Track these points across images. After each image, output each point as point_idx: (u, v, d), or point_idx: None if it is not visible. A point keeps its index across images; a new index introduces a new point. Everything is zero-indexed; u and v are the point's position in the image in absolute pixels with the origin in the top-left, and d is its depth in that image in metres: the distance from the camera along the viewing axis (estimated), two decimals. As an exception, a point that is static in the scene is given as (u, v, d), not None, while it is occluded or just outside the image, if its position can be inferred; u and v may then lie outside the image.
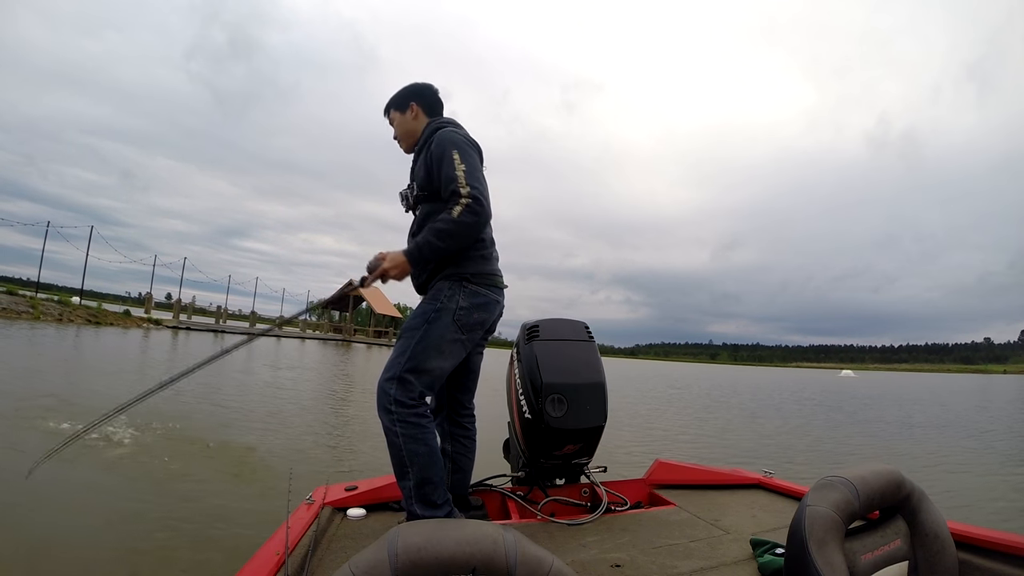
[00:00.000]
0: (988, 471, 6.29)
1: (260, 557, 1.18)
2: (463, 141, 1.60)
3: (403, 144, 1.79)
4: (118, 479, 3.59)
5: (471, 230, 1.50)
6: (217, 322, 36.15)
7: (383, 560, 0.62)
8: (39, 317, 21.85)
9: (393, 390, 1.47)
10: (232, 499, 3.46)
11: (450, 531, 0.66)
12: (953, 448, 7.94)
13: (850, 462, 6.21)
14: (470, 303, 1.59)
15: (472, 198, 1.47)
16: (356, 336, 43.60)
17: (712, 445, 7.43)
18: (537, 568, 0.65)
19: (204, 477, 3.86)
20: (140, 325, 27.33)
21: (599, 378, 1.84)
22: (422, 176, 1.62)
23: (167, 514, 3.07)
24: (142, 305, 36.36)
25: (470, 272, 1.61)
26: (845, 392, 23.68)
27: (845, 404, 15.83)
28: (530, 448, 1.85)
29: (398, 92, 1.78)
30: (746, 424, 10.08)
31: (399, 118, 1.77)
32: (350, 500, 1.70)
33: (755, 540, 1.45)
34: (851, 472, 0.98)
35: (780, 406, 14.55)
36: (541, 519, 1.69)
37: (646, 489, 2.04)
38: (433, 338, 1.53)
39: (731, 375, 45.57)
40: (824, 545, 0.88)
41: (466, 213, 1.47)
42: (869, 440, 8.69)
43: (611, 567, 1.32)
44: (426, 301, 1.60)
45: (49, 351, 11.99)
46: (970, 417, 13.13)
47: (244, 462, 4.37)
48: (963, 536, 1.20)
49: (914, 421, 11.66)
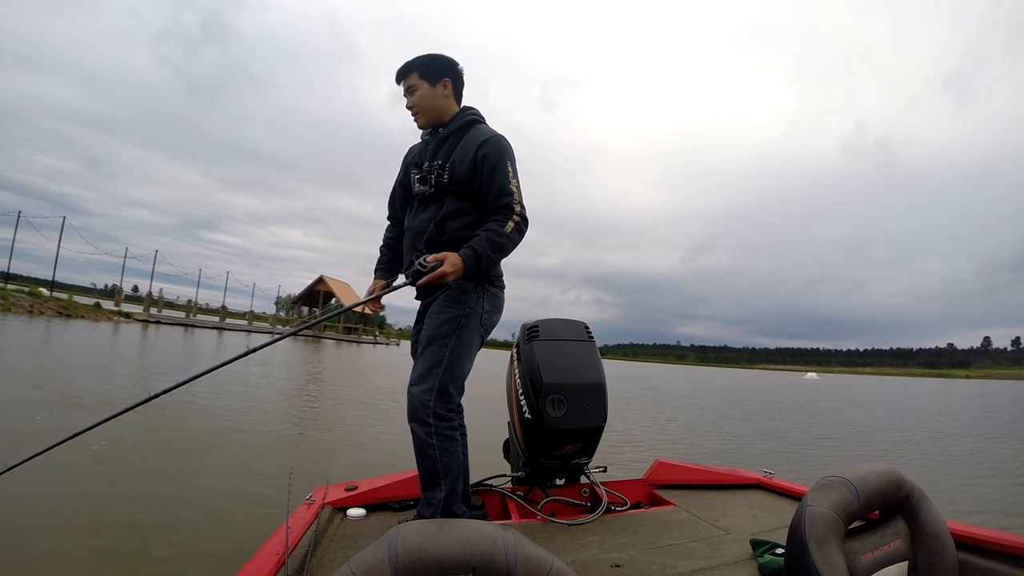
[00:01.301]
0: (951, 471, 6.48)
1: (260, 557, 1.18)
2: (514, 154, 1.59)
3: (423, 118, 1.64)
4: (117, 479, 3.59)
5: (514, 247, 1.55)
6: (188, 316, 35.60)
7: (383, 560, 0.62)
8: (10, 309, 21.52)
9: (432, 402, 1.45)
10: (232, 499, 3.46)
11: (450, 531, 0.66)
12: (916, 450, 8.10)
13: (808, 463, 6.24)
14: (491, 306, 1.61)
15: (523, 218, 1.53)
16: (326, 332, 42.40)
17: (681, 444, 7.52)
18: (537, 568, 0.65)
19: (203, 477, 3.86)
20: (111, 318, 26.90)
21: (599, 378, 1.84)
22: (463, 172, 1.54)
23: (167, 514, 3.07)
24: (109, 297, 35.91)
25: (494, 275, 1.62)
26: (809, 394, 23.87)
27: (807, 407, 15.97)
28: (530, 448, 1.85)
29: (428, 58, 1.62)
30: (710, 425, 10.22)
31: (426, 89, 1.60)
32: (350, 500, 1.70)
33: (755, 540, 1.45)
34: (851, 472, 0.98)
35: (742, 407, 14.72)
36: (541, 519, 1.69)
37: (646, 489, 2.04)
38: (465, 345, 1.53)
39: (695, 376, 46.29)
40: (824, 545, 0.88)
41: (515, 232, 1.51)
42: (829, 441, 8.82)
43: (611, 567, 1.32)
44: (450, 305, 1.55)
45: (51, 344, 11.98)
46: (935, 419, 13.45)
47: (244, 462, 4.37)
48: (963, 536, 1.20)
49: (880, 424, 11.86)
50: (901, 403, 20.06)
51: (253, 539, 1.34)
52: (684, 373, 54.90)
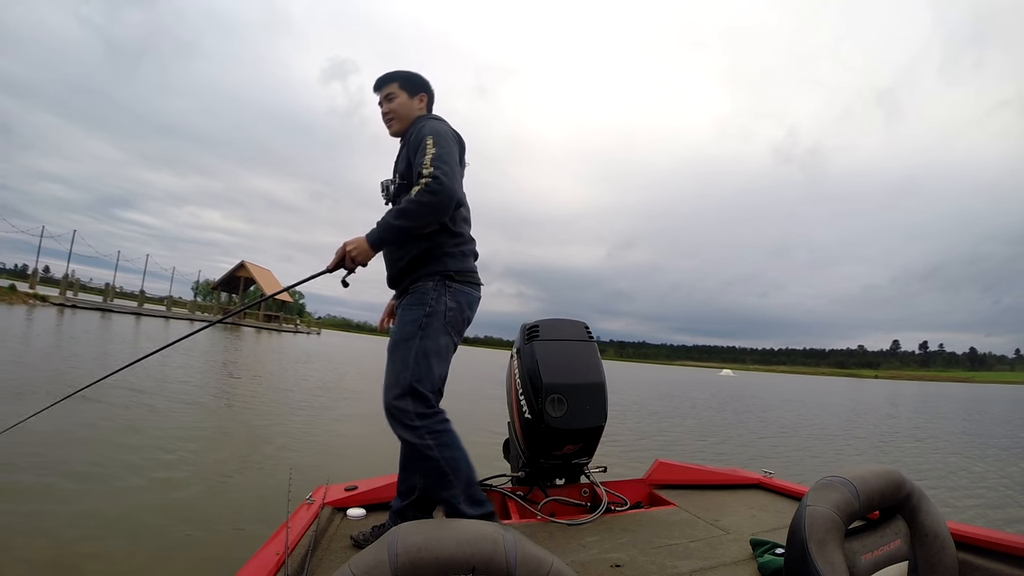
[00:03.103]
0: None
1: (260, 557, 1.18)
2: (443, 130, 1.57)
3: (395, 126, 1.72)
4: (116, 479, 3.59)
5: (429, 209, 1.45)
6: (105, 300, 33.92)
7: (383, 560, 0.62)
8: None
9: (410, 405, 1.43)
10: (232, 499, 3.46)
11: (450, 531, 0.66)
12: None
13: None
14: (457, 302, 1.55)
15: (432, 177, 1.43)
16: (246, 320, 41.22)
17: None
18: (537, 568, 0.65)
19: (203, 477, 3.86)
20: (26, 302, 25.82)
21: (599, 378, 1.84)
22: (403, 167, 1.59)
23: (166, 514, 3.06)
24: (20, 278, 34.47)
25: (453, 270, 1.56)
26: (730, 391, 24.45)
27: (729, 404, 16.30)
28: (530, 448, 1.85)
29: (410, 73, 1.73)
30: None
31: (404, 100, 1.70)
32: (350, 500, 1.70)
33: (755, 540, 1.45)
34: (851, 472, 0.98)
35: (663, 403, 14.91)
36: (541, 519, 1.69)
37: (646, 489, 2.04)
38: (431, 345, 1.49)
39: (615, 371, 46.67)
40: (824, 545, 0.88)
41: (423, 192, 1.43)
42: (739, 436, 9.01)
43: (611, 567, 1.32)
44: (411, 306, 1.53)
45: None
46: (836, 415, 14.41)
47: (243, 462, 4.38)
48: (963, 536, 1.21)
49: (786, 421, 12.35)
50: (821, 401, 20.79)
51: (253, 539, 1.34)
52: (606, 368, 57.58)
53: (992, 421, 15.12)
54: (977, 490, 5.57)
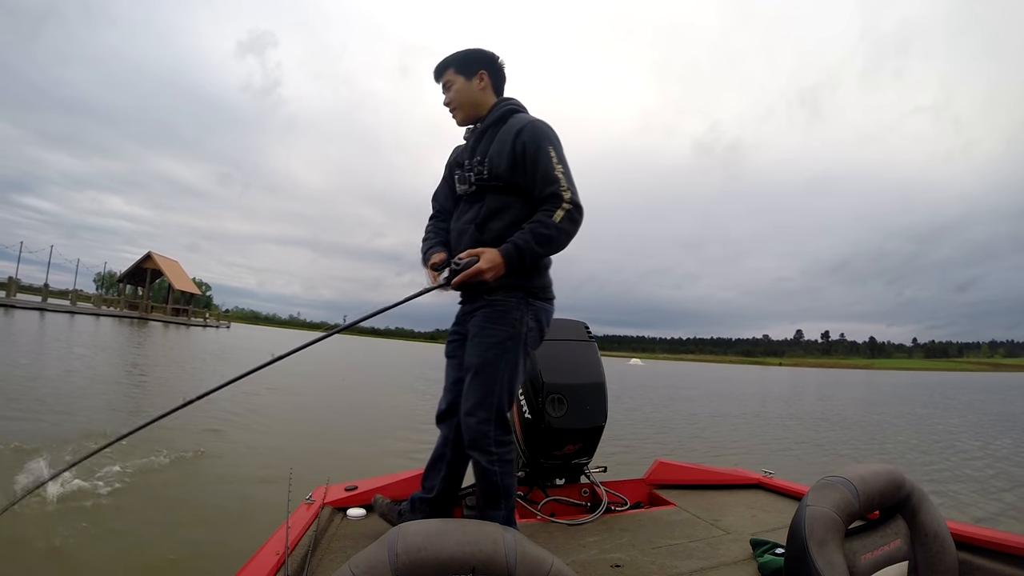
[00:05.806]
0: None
1: (260, 557, 1.18)
2: (557, 137, 1.48)
3: (460, 114, 1.60)
4: (115, 480, 3.59)
5: (569, 239, 1.41)
6: (8, 295, 31.15)
7: (383, 560, 0.62)
8: None
9: (493, 431, 1.41)
10: (232, 499, 3.46)
11: (450, 531, 0.66)
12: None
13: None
14: (538, 321, 1.49)
15: (573, 204, 1.39)
16: (153, 314, 39.26)
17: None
18: (537, 568, 0.65)
19: (203, 477, 3.86)
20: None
21: (599, 378, 1.85)
22: (503, 165, 1.46)
23: (166, 514, 3.07)
24: None
25: (537, 287, 1.49)
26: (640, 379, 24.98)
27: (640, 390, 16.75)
28: (530, 448, 1.85)
29: (462, 53, 1.58)
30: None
31: (462, 84, 1.56)
32: (350, 500, 1.70)
33: (755, 540, 1.45)
34: (851, 472, 0.98)
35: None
36: (541, 519, 1.69)
37: (646, 489, 2.04)
38: (515, 368, 1.45)
39: None
40: (824, 545, 0.88)
41: (566, 220, 1.38)
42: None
43: (611, 567, 1.32)
44: (493, 324, 1.44)
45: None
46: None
47: (243, 461, 4.37)
48: (963, 536, 1.21)
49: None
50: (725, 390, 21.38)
51: (253, 539, 1.34)
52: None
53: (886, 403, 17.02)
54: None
